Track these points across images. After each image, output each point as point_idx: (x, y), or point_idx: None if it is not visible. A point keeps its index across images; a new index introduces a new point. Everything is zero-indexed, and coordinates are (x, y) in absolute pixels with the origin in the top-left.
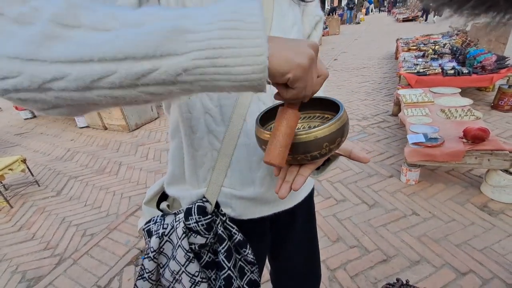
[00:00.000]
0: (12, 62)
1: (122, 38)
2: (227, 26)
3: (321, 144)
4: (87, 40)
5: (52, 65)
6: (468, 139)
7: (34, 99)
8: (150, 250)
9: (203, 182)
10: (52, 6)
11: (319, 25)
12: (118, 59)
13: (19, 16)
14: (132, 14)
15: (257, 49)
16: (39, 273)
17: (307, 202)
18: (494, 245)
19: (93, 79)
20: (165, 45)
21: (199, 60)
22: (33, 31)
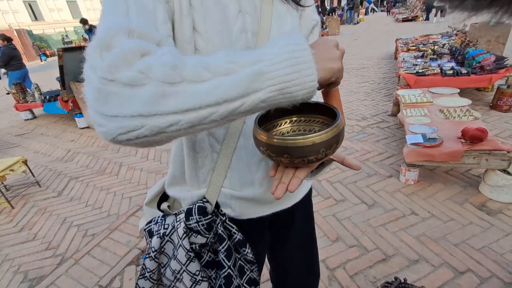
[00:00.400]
0: (135, 119)
1: (220, 87)
2: (289, 64)
3: (318, 149)
4: (193, 93)
5: (169, 116)
6: (466, 139)
7: (149, 141)
8: (151, 250)
9: (203, 183)
10: (157, 69)
11: (315, 29)
12: (219, 103)
13: (131, 81)
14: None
15: (311, 77)
16: (41, 273)
17: (305, 202)
18: (492, 244)
19: (200, 121)
20: (250, 87)
21: (272, 92)
22: (148, 92)
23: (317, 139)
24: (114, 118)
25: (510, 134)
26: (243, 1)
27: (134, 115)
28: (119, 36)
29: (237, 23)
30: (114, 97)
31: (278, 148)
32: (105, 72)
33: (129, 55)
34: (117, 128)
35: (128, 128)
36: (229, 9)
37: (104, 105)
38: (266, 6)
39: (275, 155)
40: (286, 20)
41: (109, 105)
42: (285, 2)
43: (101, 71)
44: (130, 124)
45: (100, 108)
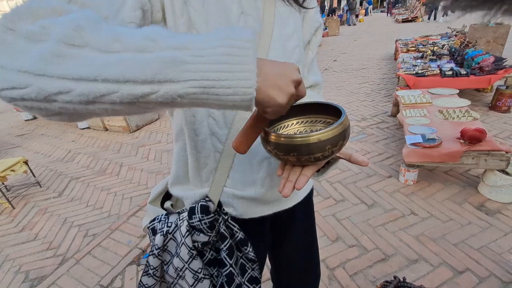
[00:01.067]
0: (21, 75)
1: (125, 63)
2: (221, 60)
3: (324, 147)
4: (92, 61)
5: (59, 80)
6: (465, 139)
7: (39, 107)
8: (154, 247)
9: (206, 182)
10: (60, 27)
11: (318, 31)
12: (120, 82)
13: (29, 34)
14: (135, 37)
15: (247, 82)
16: (42, 273)
17: (307, 202)
18: (491, 244)
19: (96, 96)
20: (162, 73)
21: (193, 88)
22: (43, 49)
23: (323, 137)
24: (0, 68)
25: (509, 135)
26: (246, 3)
27: (21, 70)
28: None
29: (239, 24)
30: (7, 47)
31: (285, 146)
32: (8, 20)
33: (42, 10)
34: (1, 80)
35: (12, 83)
36: (231, 11)
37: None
38: (269, 8)
39: (282, 153)
40: (288, 22)
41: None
42: (287, 4)
43: (6, 18)
44: (15, 79)
45: None
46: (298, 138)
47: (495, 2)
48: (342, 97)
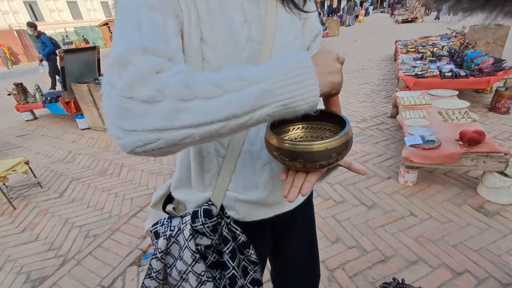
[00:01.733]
0: (152, 133)
1: (230, 104)
2: (294, 81)
3: (330, 155)
4: (204, 108)
5: (183, 130)
6: (464, 141)
7: (163, 152)
8: (157, 251)
9: (208, 186)
10: (172, 87)
11: (318, 37)
12: (229, 119)
13: (148, 98)
14: (228, 80)
15: (313, 92)
16: (43, 273)
17: (307, 205)
18: (490, 246)
19: (211, 134)
20: (258, 103)
21: (278, 107)
22: (163, 108)
23: (330, 145)
24: (132, 132)
25: (508, 136)
26: (249, 12)
27: (150, 130)
28: (135, 54)
29: (242, 33)
30: (132, 113)
31: (293, 153)
32: (124, 91)
33: (145, 74)
34: (134, 141)
35: (145, 141)
36: (234, 20)
37: (122, 120)
38: (271, 16)
39: (289, 159)
40: (290, 29)
41: (127, 121)
42: (289, 12)
43: (120, 89)
44: (147, 137)
45: (119, 123)
46: (306, 145)
47: (496, 4)
48: (342, 98)
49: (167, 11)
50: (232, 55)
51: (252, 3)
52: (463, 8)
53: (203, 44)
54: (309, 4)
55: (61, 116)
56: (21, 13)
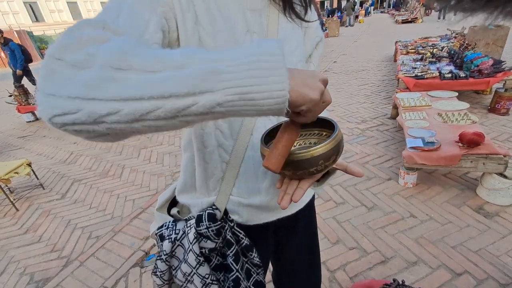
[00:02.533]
0: (72, 101)
1: (168, 80)
2: (255, 67)
3: (317, 162)
4: (137, 81)
5: (108, 102)
6: (463, 143)
7: (88, 130)
8: (162, 253)
9: (213, 191)
10: (104, 53)
11: (319, 45)
12: (165, 97)
13: (76, 62)
14: (173, 56)
15: (280, 85)
16: (47, 274)
17: (308, 209)
18: (489, 247)
19: (142, 114)
20: (203, 84)
21: (231, 96)
22: (91, 75)
23: (315, 153)
24: (52, 96)
25: (507, 137)
26: (251, 21)
27: (71, 96)
28: (90, 26)
29: (244, 42)
30: (56, 75)
31: None
32: (55, 50)
33: (84, 40)
34: (52, 107)
35: (64, 109)
36: (237, 29)
37: (46, 82)
38: (273, 25)
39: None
40: (291, 38)
41: (50, 83)
42: (290, 21)
43: (53, 49)
44: (66, 105)
45: (42, 85)
46: (293, 154)
47: (497, 5)
48: (342, 99)
49: (154, 8)
50: None
51: (254, 13)
52: (463, 8)
53: None
54: (310, 14)
55: None
56: (21, 13)
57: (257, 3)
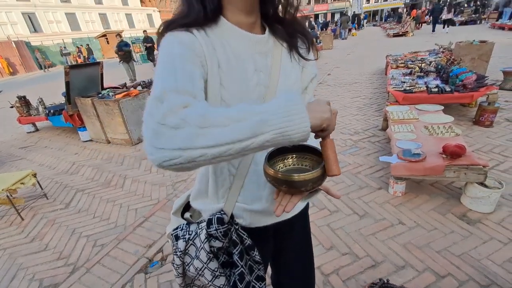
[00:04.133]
0: (175, 152)
1: (234, 130)
2: (287, 115)
3: (307, 184)
4: (215, 134)
5: (198, 150)
6: (447, 154)
7: (182, 167)
8: (178, 250)
9: (221, 198)
10: (192, 117)
11: (314, 80)
12: (234, 142)
13: (175, 125)
14: (234, 113)
15: (304, 124)
16: (55, 280)
17: (303, 216)
18: (471, 251)
19: (220, 154)
20: (257, 130)
21: (275, 135)
22: (185, 133)
23: (307, 177)
24: (161, 149)
25: (491, 148)
26: (259, 62)
27: (175, 148)
28: (170, 94)
29: (253, 79)
30: (163, 135)
31: (280, 180)
32: (159, 119)
33: (175, 108)
34: (162, 157)
35: (170, 157)
36: (248, 70)
37: (155, 140)
38: (276, 65)
39: (278, 184)
40: (291, 74)
41: (159, 140)
42: (292, 60)
43: (157, 117)
44: (172, 154)
45: (153, 142)
46: (289, 176)
47: None
48: (337, 110)
49: (195, 62)
50: (244, 97)
51: (261, 56)
52: None
53: (221, 88)
54: (310, 54)
55: (63, 128)
56: (19, 24)
57: (264, 48)
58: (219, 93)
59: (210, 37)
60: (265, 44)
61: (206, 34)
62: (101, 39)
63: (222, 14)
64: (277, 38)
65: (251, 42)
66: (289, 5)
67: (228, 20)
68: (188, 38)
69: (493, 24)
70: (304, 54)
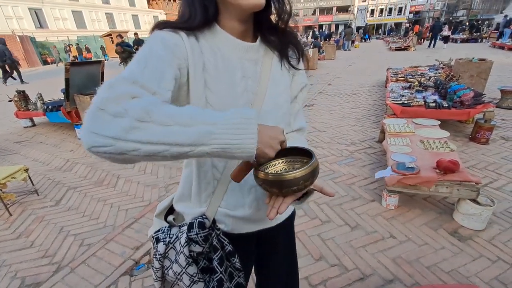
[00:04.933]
0: (107, 139)
1: (176, 133)
2: (236, 132)
3: (298, 182)
4: (155, 131)
5: (132, 143)
6: (440, 169)
7: (112, 158)
8: (157, 253)
9: (204, 202)
10: (135, 108)
11: (304, 89)
12: (171, 144)
13: (115, 113)
14: (182, 115)
15: (251, 145)
16: (37, 279)
17: (287, 225)
18: (460, 268)
19: (154, 153)
20: (200, 140)
21: (216, 149)
22: (123, 122)
23: (298, 175)
24: (94, 134)
25: (485, 166)
26: (247, 69)
27: (107, 136)
28: (125, 83)
29: (240, 85)
30: (99, 120)
31: (271, 182)
32: (100, 102)
33: (121, 96)
34: (92, 141)
35: (100, 144)
36: (235, 75)
37: (91, 123)
38: (265, 72)
39: (269, 187)
40: (280, 82)
41: (94, 125)
42: (282, 69)
43: (98, 100)
44: (103, 141)
45: (87, 124)
46: (280, 175)
47: None
48: (334, 120)
49: (171, 64)
50: (231, 102)
51: (251, 62)
52: None
53: (207, 90)
54: (301, 64)
55: (60, 124)
56: (25, 19)
57: (254, 55)
58: (204, 94)
59: (199, 41)
60: (256, 52)
61: (196, 38)
62: (106, 38)
63: (217, 20)
64: (269, 47)
65: (241, 49)
66: (283, 12)
67: (222, 25)
68: (172, 39)
69: (494, 43)
70: (294, 64)
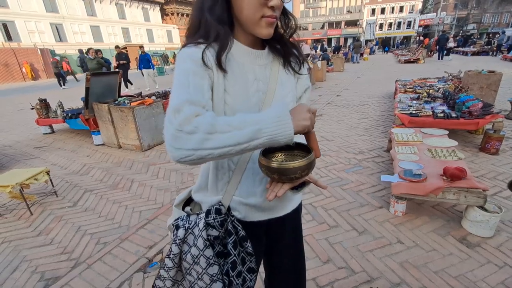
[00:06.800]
0: (189, 151)
1: (235, 136)
2: (277, 125)
3: (296, 171)
4: (220, 138)
5: (207, 150)
6: (447, 176)
7: (195, 163)
8: (177, 238)
9: (220, 191)
10: (203, 125)
11: (307, 91)
12: (235, 145)
13: (190, 131)
14: (235, 122)
15: (290, 132)
16: (56, 274)
17: (295, 216)
18: (468, 273)
19: (224, 154)
20: (253, 136)
21: (266, 140)
22: (198, 137)
23: (296, 165)
24: (179, 149)
25: (495, 175)
26: (258, 73)
27: (189, 149)
28: (185, 105)
29: (253, 86)
30: (180, 139)
31: (273, 169)
32: (177, 126)
33: (189, 117)
34: (180, 155)
35: (185, 155)
36: (249, 78)
37: (174, 142)
38: (274, 75)
39: (270, 173)
40: (286, 84)
41: (177, 143)
42: (287, 73)
43: (175, 125)
44: (186, 153)
45: (172, 143)
46: (280, 164)
47: None
48: (342, 130)
49: (204, 76)
50: (245, 101)
51: (261, 67)
52: None
53: (226, 94)
54: (303, 69)
55: (77, 131)
56: (46, 33)
57: (263, 61)
58: (223, 97)
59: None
60: (265, 58)
61: (214, 49)
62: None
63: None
64: (275, 54)
65: (252, 55)
66: (289, 28)
67: (236, 36)
68: (198, 54)
69: (505, 56)
70: (297, 69)
